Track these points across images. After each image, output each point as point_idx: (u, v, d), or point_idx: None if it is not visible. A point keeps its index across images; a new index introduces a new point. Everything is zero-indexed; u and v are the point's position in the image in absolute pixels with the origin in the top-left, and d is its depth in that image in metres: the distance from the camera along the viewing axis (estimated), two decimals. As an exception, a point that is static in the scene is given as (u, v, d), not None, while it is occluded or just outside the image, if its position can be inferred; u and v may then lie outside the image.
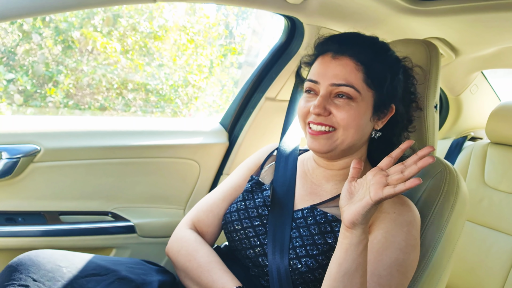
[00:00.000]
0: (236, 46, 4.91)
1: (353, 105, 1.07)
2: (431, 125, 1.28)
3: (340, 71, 1.07)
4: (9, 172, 1.44)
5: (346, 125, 1.07)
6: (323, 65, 1.10)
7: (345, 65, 1.07)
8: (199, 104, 4.65)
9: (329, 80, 1.07)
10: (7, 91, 3.32)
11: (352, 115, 1.06)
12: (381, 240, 1.01)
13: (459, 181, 1.19)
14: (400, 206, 1.05)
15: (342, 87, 1.06)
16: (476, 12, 1.43)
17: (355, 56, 1.08)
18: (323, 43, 1.15)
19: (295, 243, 1.07)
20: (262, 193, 1.22)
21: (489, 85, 2.44)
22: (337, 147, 1.10)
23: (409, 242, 1.01)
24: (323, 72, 1.09)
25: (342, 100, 1.07)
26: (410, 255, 1.01)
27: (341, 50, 1.09)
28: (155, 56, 4.20)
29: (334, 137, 1.08)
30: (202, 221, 1.25)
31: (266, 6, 1.47)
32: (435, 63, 1.28)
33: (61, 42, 3.60)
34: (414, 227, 1.04)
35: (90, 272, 1.00)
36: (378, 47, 1.14)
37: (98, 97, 3.91)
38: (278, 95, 1.87)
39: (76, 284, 0.97)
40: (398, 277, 0.97)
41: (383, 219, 1.03)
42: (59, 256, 1.02)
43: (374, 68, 1.08)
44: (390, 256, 0.98)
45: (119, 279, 1.02)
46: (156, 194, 1.77)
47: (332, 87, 1.07)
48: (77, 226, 1.57)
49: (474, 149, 2.15)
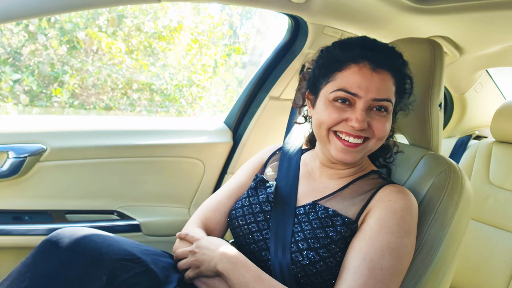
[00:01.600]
0: (240, 46, 4.91)
1: (388, 117, 1.10)
2: (436, 123, 1.28)
3: (382, 86, 1.06)
4: (16, 171, 1.45)
5: (381, 137, 1.10)
6: (364, 77, 1.05)
7: (386, 79, 1.07)
8: (204, 103, 4.66)
9: (372, 94, 1.05)
10: (13, 91, 3.34)
11: (387, 126, 1.10)
12: (373, 226, 1.03)
13: (463, 180, 1.19)
14: (395, 194, 1.08)
15: (383, 102, 1.06)
16: (480, 10, 1.43)
17: (392, 70, 1.08)
18: (355, 49, 1.08)
19: (297, 237, 1.09)
20: (266, 189, 1.24)
21: (494, 83, 2.43)
22: (364, 155, 1.13)
23: (402, 227, 1.03)
24: (366, 86, 1.05)
25: (380, 113, 1.08)
26: (403, 239, 1.02)
27: (379, 61, 1.06)
28: (160, 56, 4.21)
29: (367, 148, 1.11)
30: (210, 219, 1.27)
31: (270, 6, 1.48)
32: (439, 61, 1.28)
33: (66, 43, 3.62)
34: (408, 213, 1.05)
35: (123, 256, 1.00)
36: (402, 58, 1.14)
37: (103, 97, 3.93)
38: (282, 94, 1.88)
39: (110, 266, 0.96)
40: (391, 261, 0.99)
41: (378, 207, 1.07)
42: (95, 234, 1.03)
43: (402, 82, 1.13)
44: (382, 240, 1.00)
45: (146, 270, 1.02)
46: (161, 193, 1.78)
47: (373, 101, 1.06)
48: (83, 224, 1.57)
49: (479, 147, 2.15)
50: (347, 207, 1.11)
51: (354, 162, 1.12)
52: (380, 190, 1.11)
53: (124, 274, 0.97)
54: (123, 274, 0.97)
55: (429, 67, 1.27)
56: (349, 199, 1.13)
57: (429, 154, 1.26)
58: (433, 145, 1.30)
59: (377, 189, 1.12)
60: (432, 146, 1.30)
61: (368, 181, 1.17)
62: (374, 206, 1.08)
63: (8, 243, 1.46)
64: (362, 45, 1.09)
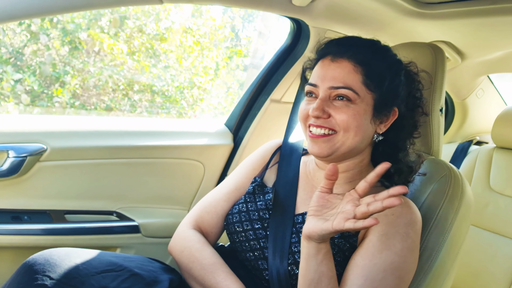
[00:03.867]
0: (242, 49, 4.92)
1: (352, 107, 1.05)
2: (437, 129, 1.28)
3: (338, 73, 1.06)
4: (16, 170, 1.45)
5: (345, 127, 1.05)
6: (322, 68, 1.10)
7: (343, 67, 1.07)
8: (205, 105, 4.66)
9: (327, 83, 1.07)
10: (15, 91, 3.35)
11: (351, 116, 1.05)
12: (376, 244, 1.00)
13: (464, 185, 1.18)
14: (399, 208, 1.04)
15: (340, 90, 1.05)
16: (482, 15, 1.43)
17: (353, 57, 1.07)
18: (323, 47, 1.15)
19: (293, 248, 1.07)
20: (264, 196, 1.22)
21: (495, 89, 2.43)
22: (337, 150, 1.08)
23: (405, 245, 1.00)
24: (322, 75, 1.09)
25: (341, 102, 1.06)
26: (407, 258, 0.99)
27: (339, 53, 1.09)
28: (161, 58, 4.22)
29: (334, 140, 1.07)
30: (206, 222, 1.25)
31: (272, 9, 1.48)
32: (440, 66, 1.27)
33: (68, 43, 3.63)
34: (412, 229, 1.02)
35: (105, 268, 1.00)
36: (377, 47, 1.13)
37: (104, 98, 3.93)
38: (283, 97, 1.88)
39: (93, 280, 0.96)
40: (394, 281, 0.96)
41: (380, 221, 1.01)
42: (73, 254, 1.02)
43: (373, 68, 1.07)
44: (385, 259, 0.97)
45: (133, 275, 1.02)
46: (161, 195, 1.78)
47: (330, 90, 1.06)
48: (82, 225, 1.58)
49: (479, 153, 2.14)
50: None
51: (325, 156, 1.08)
52: None
53: (112, 283, 0.97)
54: (111, 284, 0.97)
55: (430, 72, 1.26)
56: None
57: (429, 159, 1.26)
58: (433, 150, 1.29)
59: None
60: (432, 151, 1.29)
61: (370, 190, 1.14)
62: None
63: (7, 242, 1.46)
64: (331, 42, 1.15)
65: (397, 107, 1.12)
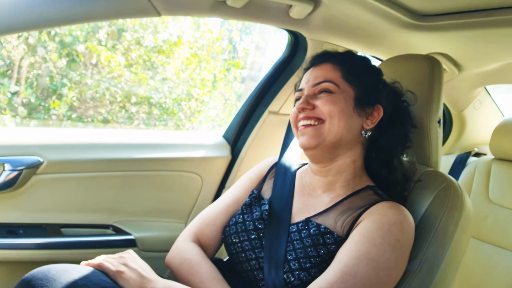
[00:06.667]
0: (240, 61, 4.94)
1: (333, 95, 1.15)
2: (435, 140, 1.27)
3: (320, 73, 1.19)
4: (12, 184, 1.43)
5: (330, 114, 1.13)
6: (307, 75, 1.23)
7: (324, 67, 1.20)
8: (202, 117, 4.66)
9: (311, 82, 1.20)
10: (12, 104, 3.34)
11: (333, 103, 1.14)
12: (355, 236, 1.03)
13: (463, 197, 1.17)
14: (387, 209, 1.06)
15: (322, 84, 1.17)
16: (479, 27, 1.44)
17: (333, 59, 1.21)
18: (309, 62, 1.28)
19: (288, 257, 1.07)
20: (261, 207, 1.23)
21: (492, 100, 2.44)
22: (324, 139, 1.13)
23: (386, 240, 1.00)
24: (306, 79, 1.22)
25: (324, 94, 1.16)
26: (386, 252, 0.99)
27: (320, 60, 1.23)
28: (159, 70, 4.23)
29: (322, 129, 1.14)
30: (205, 235, 1.26)
31: (270, 21, 1.48)
32: (438, 78, 1.28)
33: (66, 56, 3.64)
34: (397, 227, 1.03)
35: (104, 285, 0.99)
36: (355, 54, 1.27)
37: (101, 110, 3.93)
38: (281, 109, 1.88)
39: None
40: (367, 271, 0.97)
41: (366, 219, 1.05)
42: (71, 270, 1.01)
43: (351, 65, 1.19)
44: (360, 248, 0.99)
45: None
46: (158, 208, 1.76)
47: (314, 87, 1.18)
48: (78, 239, 1.56)
49: (478, 165, 2.14)
50: (339, 224, 1.09)
51: (314, 146, 1.14)
52: (373, 206, 1.09)
53: None
54: None
55: (428, 83, 1.27)
56: (341, 215, 1.11)
57: (428, 170, 1.25)
58: (432, 162, 1.29)
59: (370, 205, 1.09)
60: (431, 162, 1.29)
61: (363, 197, 1.14)
62: (363, 219, 1.06)
63: (1, 257, 1.44)
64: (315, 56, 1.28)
65: (381, 105, 1.18)
